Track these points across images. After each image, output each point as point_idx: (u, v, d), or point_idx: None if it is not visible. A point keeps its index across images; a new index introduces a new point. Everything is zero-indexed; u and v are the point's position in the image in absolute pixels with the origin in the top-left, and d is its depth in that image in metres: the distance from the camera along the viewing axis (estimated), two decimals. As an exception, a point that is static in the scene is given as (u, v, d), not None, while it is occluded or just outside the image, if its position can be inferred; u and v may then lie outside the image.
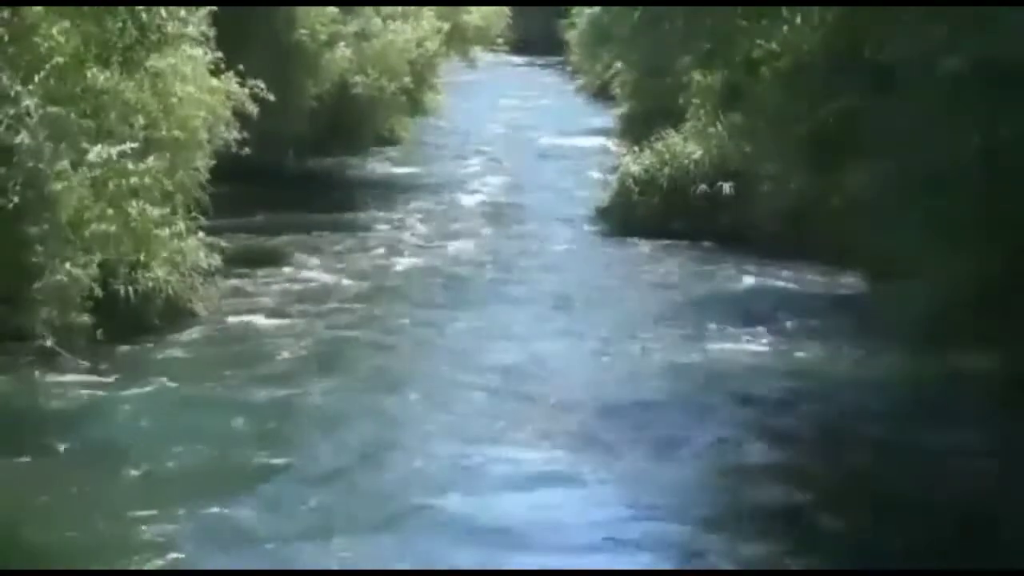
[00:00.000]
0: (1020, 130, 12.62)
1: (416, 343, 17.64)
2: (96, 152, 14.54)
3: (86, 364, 15.45)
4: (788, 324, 18.13)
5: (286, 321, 18.25)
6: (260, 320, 18.23)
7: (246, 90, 19.22)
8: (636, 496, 12.81)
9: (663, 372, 16.27)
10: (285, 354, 16.72)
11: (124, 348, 16.10)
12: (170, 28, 14.68)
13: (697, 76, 21.96)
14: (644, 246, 23.06)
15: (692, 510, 12.43)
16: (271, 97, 19.61)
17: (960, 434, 13.86)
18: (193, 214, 17.82)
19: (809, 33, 15.12)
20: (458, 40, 33.55)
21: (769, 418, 14.70)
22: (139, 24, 13.98)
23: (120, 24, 13.98)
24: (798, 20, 15.07)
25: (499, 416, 14.69)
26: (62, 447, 13.26)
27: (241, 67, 19.35)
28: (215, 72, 18.82)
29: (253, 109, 19.30)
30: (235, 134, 18.87)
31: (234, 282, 19.44)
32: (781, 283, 20.58)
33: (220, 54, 18.99)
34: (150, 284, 16.55)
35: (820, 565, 11.36)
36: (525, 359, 16.73)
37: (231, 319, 18.05)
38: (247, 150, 19.19)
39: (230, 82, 19.00)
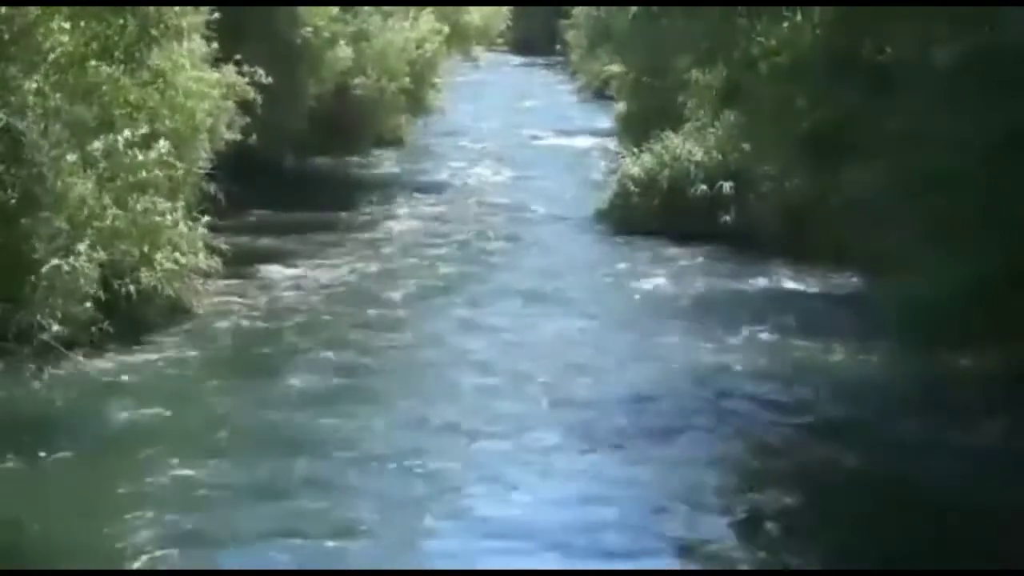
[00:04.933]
0: (1020, 128, 12.64)
1: (415, 341, 17.67)
2: (99, 144, 14.53)
3: (87, 361, 15.47)
4: (787, 323, 18.15)
5: (284, 320, 18.28)
6: (259, 319, 18.26)
7: (246, 79, 19.25)
8: (633, 492, 12.84)
9: (663, 371, 16.29)
10: (283, 353, 16.75)
11: (125, 346, 16.12)
12: (172, 21, 14.65)
13: (696, 75, 21.95)
14: (644, 247, 23.06)
15: (689, 508, 12.44)
16: (271, 80, 19.66)
17: (959, 433, 13.89)
18: (194, 214, 17.84)
19: (809, 30, 15.17)
20: (459, 39, 33.55)
21: (766, 416, 14.74)
22: (141, 19, 13.96)
23: (121, 20, 13.96)
24: (798, 17, 15.13)
25: (497, 413, 14.74)
26: (63, 444, 13.25)
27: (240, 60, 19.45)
28: (215, 66, 18.86)
29: (256, 98, 19.33)
30: (239, 122, 18.90)
31: (234, 281, 19.45)
32: (780, 282, 20.61)
33: (216, 45, 19.06)
34: (152, 283, 16.56)
35: (818, 564, 11.39)
36: (526, 360, 16.75)
37: (231, 318, 18.07)
38: (254, 136, 19.17)
39: (230, 74, 19.02)
